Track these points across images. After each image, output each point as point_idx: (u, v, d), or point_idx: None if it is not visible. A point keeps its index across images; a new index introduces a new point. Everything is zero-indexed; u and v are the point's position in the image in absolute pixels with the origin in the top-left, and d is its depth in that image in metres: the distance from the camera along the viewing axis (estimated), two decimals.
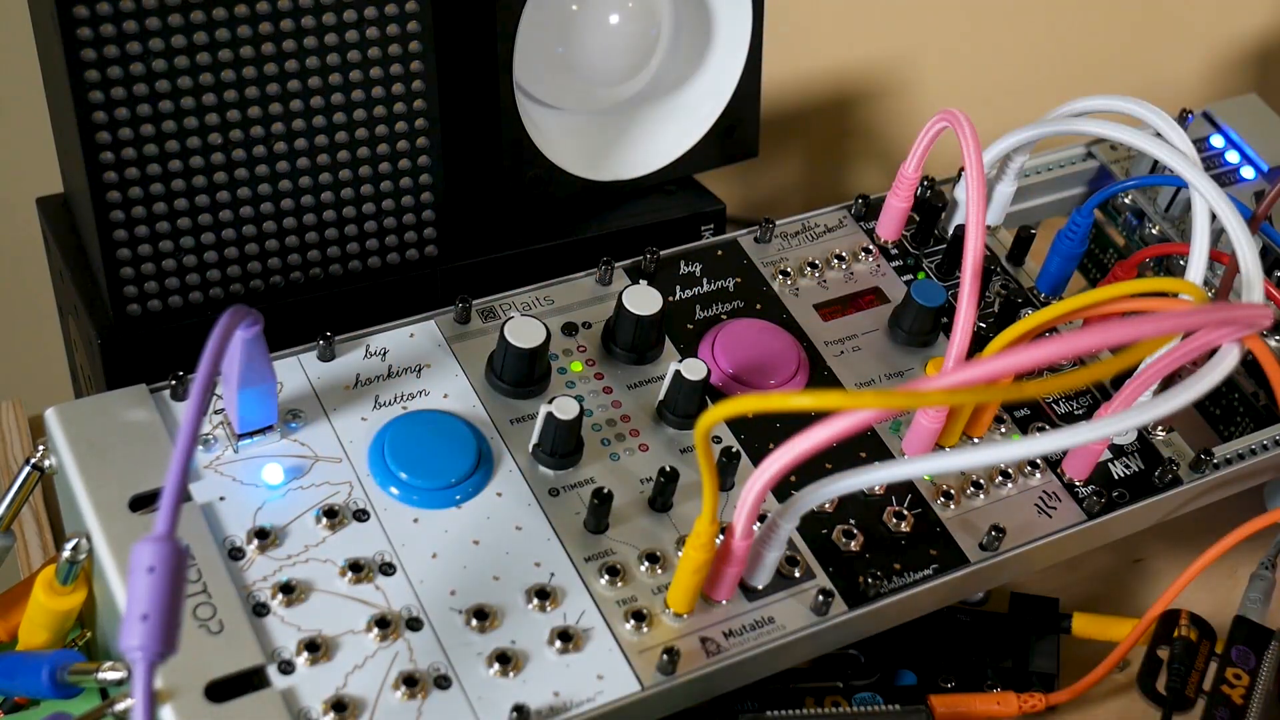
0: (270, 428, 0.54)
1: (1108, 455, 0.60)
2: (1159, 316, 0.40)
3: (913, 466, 0.48)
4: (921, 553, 0.56)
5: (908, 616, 0.56)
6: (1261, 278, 0.57)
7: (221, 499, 0.52)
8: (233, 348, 0.50)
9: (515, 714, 0.48)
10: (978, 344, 0.60)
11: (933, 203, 0.66)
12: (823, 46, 1.01)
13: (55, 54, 0.55)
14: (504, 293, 0.60)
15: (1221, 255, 0.66)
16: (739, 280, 0.63)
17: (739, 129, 0.72)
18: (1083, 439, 0.45)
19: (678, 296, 0.62)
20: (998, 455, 0.45)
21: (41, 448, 0.53)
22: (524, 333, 0.56)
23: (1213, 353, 0.49)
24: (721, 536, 0.50)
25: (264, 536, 0.51)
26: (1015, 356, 0.40)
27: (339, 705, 0.47)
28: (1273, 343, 0.67)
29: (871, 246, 0.65)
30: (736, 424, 0.58)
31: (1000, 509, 0.58)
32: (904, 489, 0.57)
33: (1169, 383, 0.60)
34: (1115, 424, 0.45)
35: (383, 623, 0.50)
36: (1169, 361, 0.53)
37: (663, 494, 0.54)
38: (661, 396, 0.58)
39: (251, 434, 0.53)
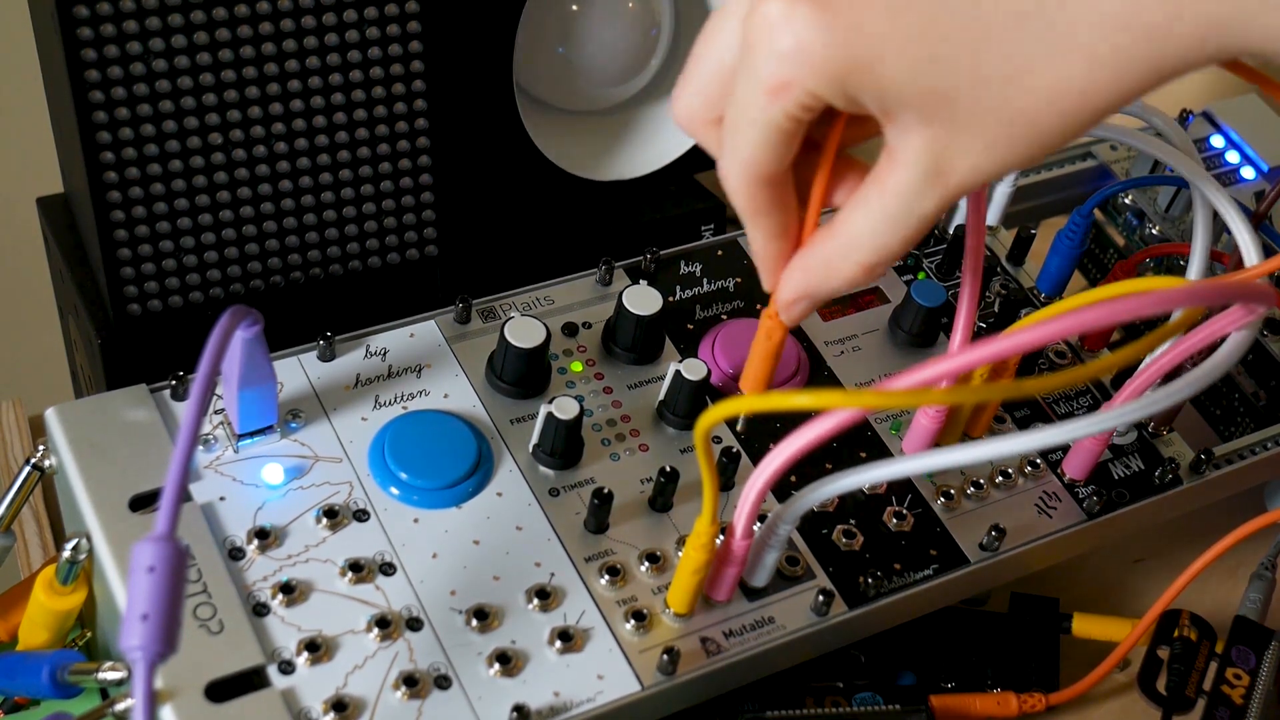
0: (270, 428, 0.54)
1: (1108, 455, 0.60)
2: (1162, 293, 0.40)
3: (912, 464, 0.48)
4: (921, 553, 0.56)
5: (908, 616, 0.56)
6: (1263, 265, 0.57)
7: (222, 499, 0.52)
8: (233, 348, 0.50)
9: (515, 714, 0.48)
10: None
11: None
12: None
13: (55, 54, 0.55)
14: (504, 293, 0.60)
15: (1222, 255, 0.66)
16: (739, 280, 0.63)
17: None
18: (1083, 431, 0.44)
19: (678, 296, 0.62)
20: (998, 450, 0.44)
21: (41, 448, 0.53)
22: (524, 333, 0.56)
23: (1213, 348, 0.49)
24: (721, 536, 0.50)
25: (264, 536, 0.51)
26: (1018, 337, 0.39)
27: (339, 705, 0.47)
28: (1274, 346, 0.67)
29: None
30: (736, 424, 0.58)
31: (1000, 509, 0.58)
32: (904, 489, 0.57)
33: (1170, 381, 0.60)
34: (1115, 417, 0.45)
35: (383, 623, 0.50)
36: (1172, 357, 0.53)
37: (663, 494, 0.54)
38: (661, 396, 0.58)
39: (252, 434, 0.53)
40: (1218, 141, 0.75)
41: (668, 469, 0.54)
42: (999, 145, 0.38)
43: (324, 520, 0.52)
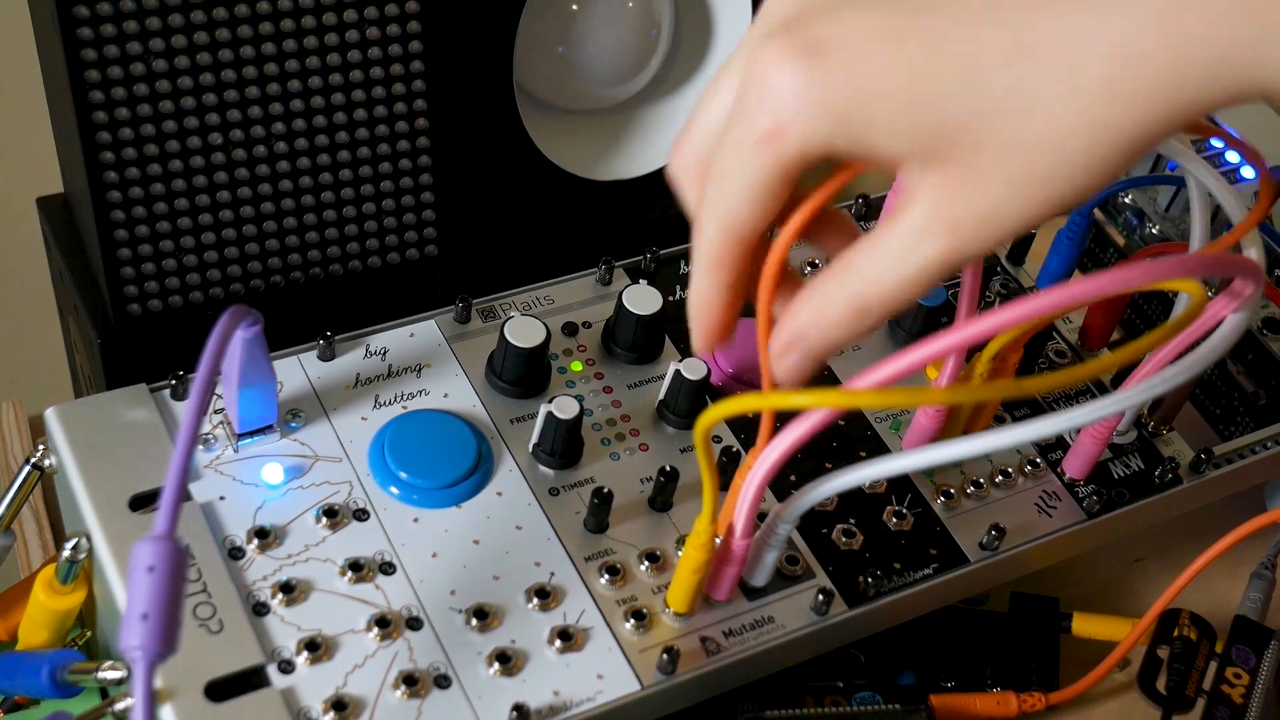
0: (270, 427, 0.54)
1: (1108, 454, 0.60)
2: (1154, 264, 0.39)
3: (910, 460, 0.48)
4: (921, 552, 0.56)
5: (908, 616, 0.56)
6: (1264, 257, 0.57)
7: (221, 498, 0.52)
8: (233, 347, 0.50)
9: (515, 714, 0.48)
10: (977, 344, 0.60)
11: None
12: None
13: (55, 54, 0.55)
14: (504, 292, 0.60)
15: None
16: None
17: None
18: (1080, 419, 0.44)
19: (678, 296, 0.62)
20: (995, 443, 0.44)
21: (41, 447, 0.53)
22: (524, 333, 0.56)
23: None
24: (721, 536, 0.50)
25: (264, 536, 0.51)
26: (1012, 310, 0.38)
27: (339, 705, 0.47)
28: (1274, 345, 0.67)
29: None
30: (736, 424, 0.58)
31: (1000, 509, 0.58)
32: (904, 488, 0.57)
33: None
34: (1111, 404, 0.44)
35: (383, 622, 0.50)
36: (1171, 355, 0.53)
37: (663, 494, 0.54)
38: (661, 396, 0.58)
39: (251, 433, 0.53)
40: (1218, 141, 0.75)
41: (668, 468, 0.54)
42: (1008, 192, 0.36)
43: (324, 520, 0.52)
